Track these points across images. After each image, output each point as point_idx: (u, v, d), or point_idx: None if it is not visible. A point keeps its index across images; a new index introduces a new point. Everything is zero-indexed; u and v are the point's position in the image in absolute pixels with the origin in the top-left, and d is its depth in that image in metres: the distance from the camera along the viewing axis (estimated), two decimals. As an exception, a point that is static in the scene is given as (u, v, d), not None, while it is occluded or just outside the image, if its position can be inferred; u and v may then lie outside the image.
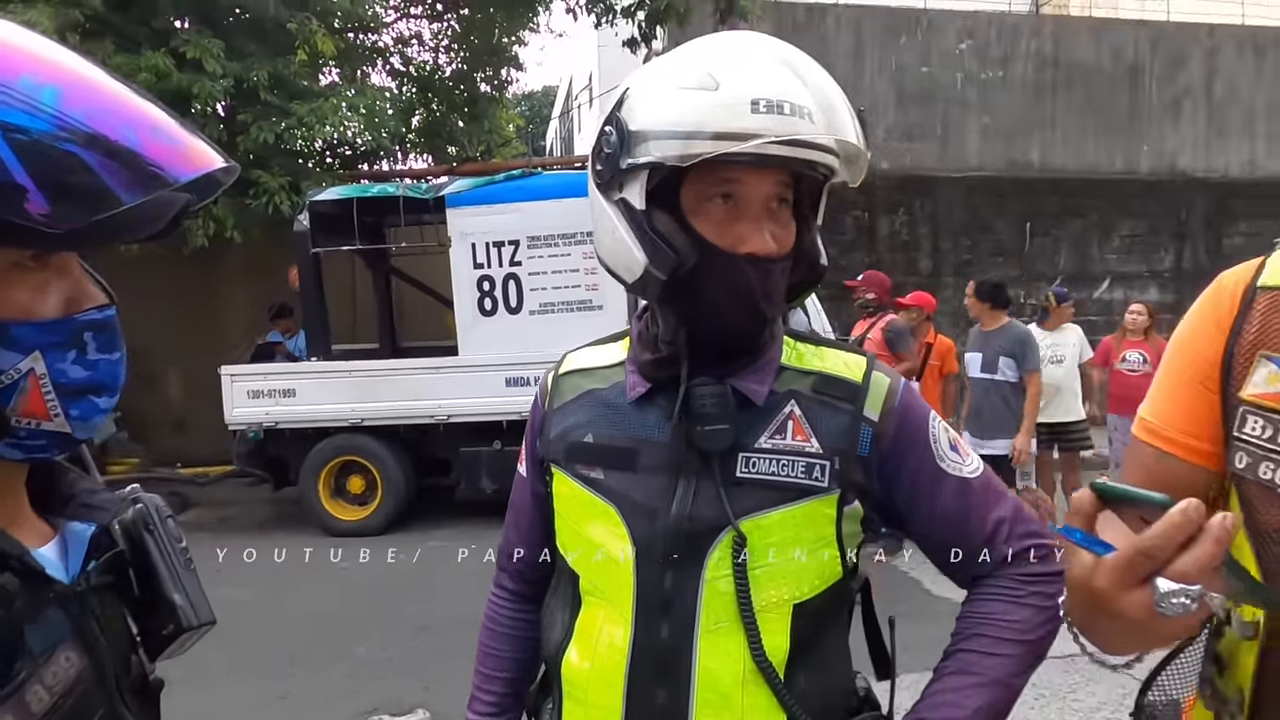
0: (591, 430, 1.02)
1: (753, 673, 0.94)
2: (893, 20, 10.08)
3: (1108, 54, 10.45)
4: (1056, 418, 5.79)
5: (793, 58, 0.95)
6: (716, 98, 0.87)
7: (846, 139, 0.92)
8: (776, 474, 0.96)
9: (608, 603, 0.99)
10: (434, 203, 6.37)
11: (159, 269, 7.83)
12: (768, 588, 0.95)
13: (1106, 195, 10.24)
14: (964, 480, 1.01)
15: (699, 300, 0.93)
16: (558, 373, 1.12)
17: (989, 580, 1.00)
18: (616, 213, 0.94)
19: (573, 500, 1.03)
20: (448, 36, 10.44)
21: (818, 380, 1.00)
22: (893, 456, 1.00)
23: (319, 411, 6.39)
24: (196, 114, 6.97)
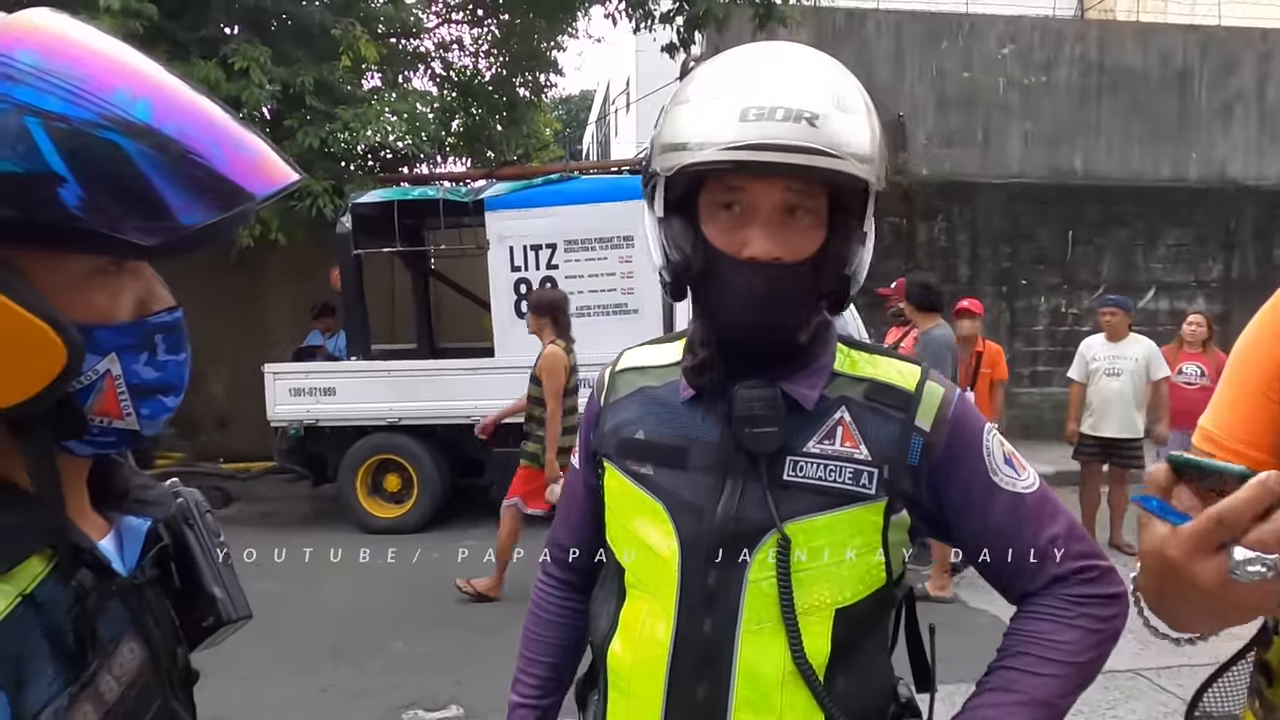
0: (643, 427, 1.05)
1: (792, 673, 0.95)
2: (934, 25, 9.98)
3: (1155, 59, 10.24)
4: (1109, 432, 5.66)
5: (810, 61, 0.95)
6: (711, 109, 0.90)
7: (850, 163, 0.88)
8: (824, 479, 0.97)
9: (651, 597, 1.01)
10: (473, 206, 6.46)
11: (205, 271, 8.03)
12: (810, 591, 0.96)
13: (1153, 203, 10.03)
14: (1017, 495, 0.99)
15: (713, 306, 0.98)
16: (614, 369, 1.14)
17: (1038, 598, 0.99)
18: (650, 218, 1.00)
19: (622, 495, 1.05)
20: (488, 41, 10.58)
21: (870, 387, 1.01)
22: (944, 468, 0.99)
23: (358, 410, 6.50)
24: (245, 118, 7.14)
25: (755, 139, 0.86)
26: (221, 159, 0.63)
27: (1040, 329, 9.90)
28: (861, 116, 0.92)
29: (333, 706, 3.77)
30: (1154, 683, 3.80)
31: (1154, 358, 5.70)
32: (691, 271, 0.95)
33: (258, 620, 3.20)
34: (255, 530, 6.68)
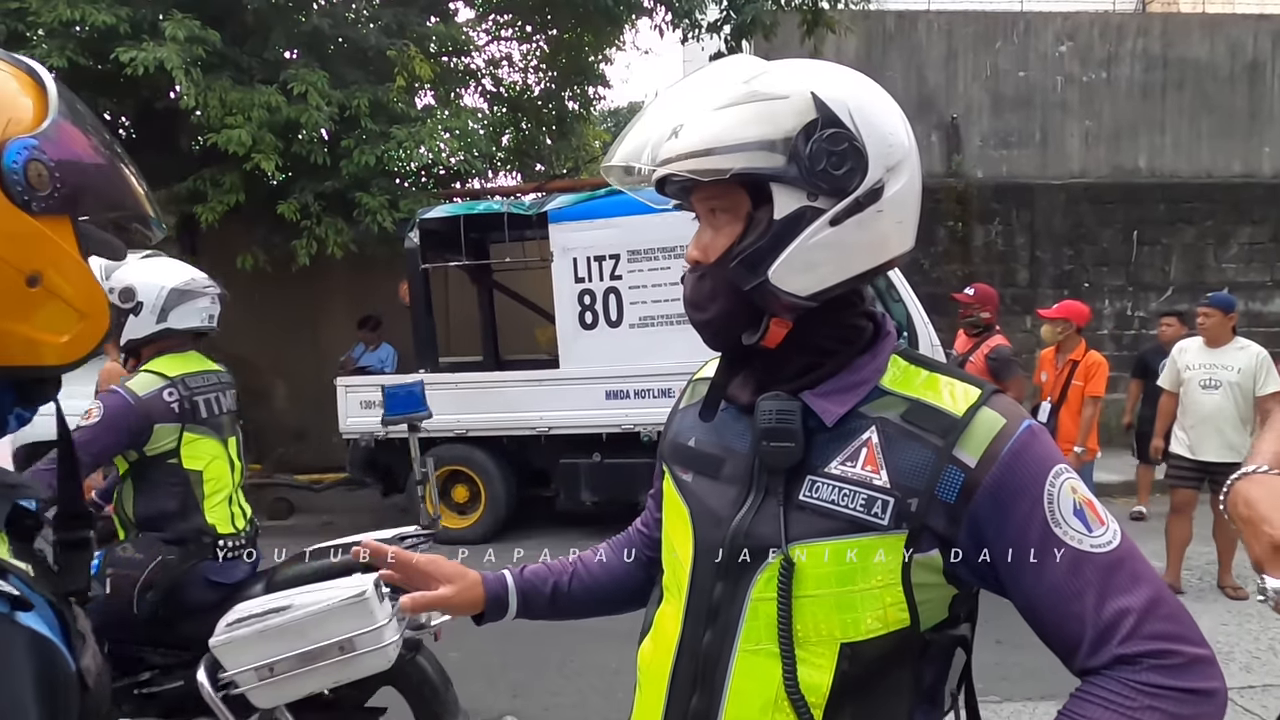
0: (695, 434, 1.07)
1: (784, 701, 0.90)
2: (988, 24, 9.78)
3: (1224, 51, 9.86)
4: (1208, 455, 4.81)
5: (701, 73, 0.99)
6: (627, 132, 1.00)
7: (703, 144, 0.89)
8: (835, 503, 0.90)
9: (673, 601, 1.03)
10: (537, 219, 6.52)
11: (265, 287, 8.30)
12: (814, 619, 0.90)
13: (1223, 200, 9.63)
14: (1082, 553, 0.84)
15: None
16: (695, 376, 1.16)
17: (1099, 678, 0.84)
18: None
19: (668, 499, 1.08)
20: (536, 57, 10.72)
21: (911, 408, 0.92)
22: (991, 511, 0.86)
23: (427, 422, 6.64)
24: (304, 140, 7.36)
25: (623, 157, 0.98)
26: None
27: (1105, 333, 9.58)
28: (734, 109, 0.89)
29: (389, 716, 3.82)
30: (1235, 703, 3.61)
31: (1264, 368, 4.82)
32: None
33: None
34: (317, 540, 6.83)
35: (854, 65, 0.97)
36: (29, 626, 0.65)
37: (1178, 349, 5.16)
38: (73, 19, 6.59)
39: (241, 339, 8.75)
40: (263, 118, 6.81)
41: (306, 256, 7.47)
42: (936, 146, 9.56)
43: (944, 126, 9.56)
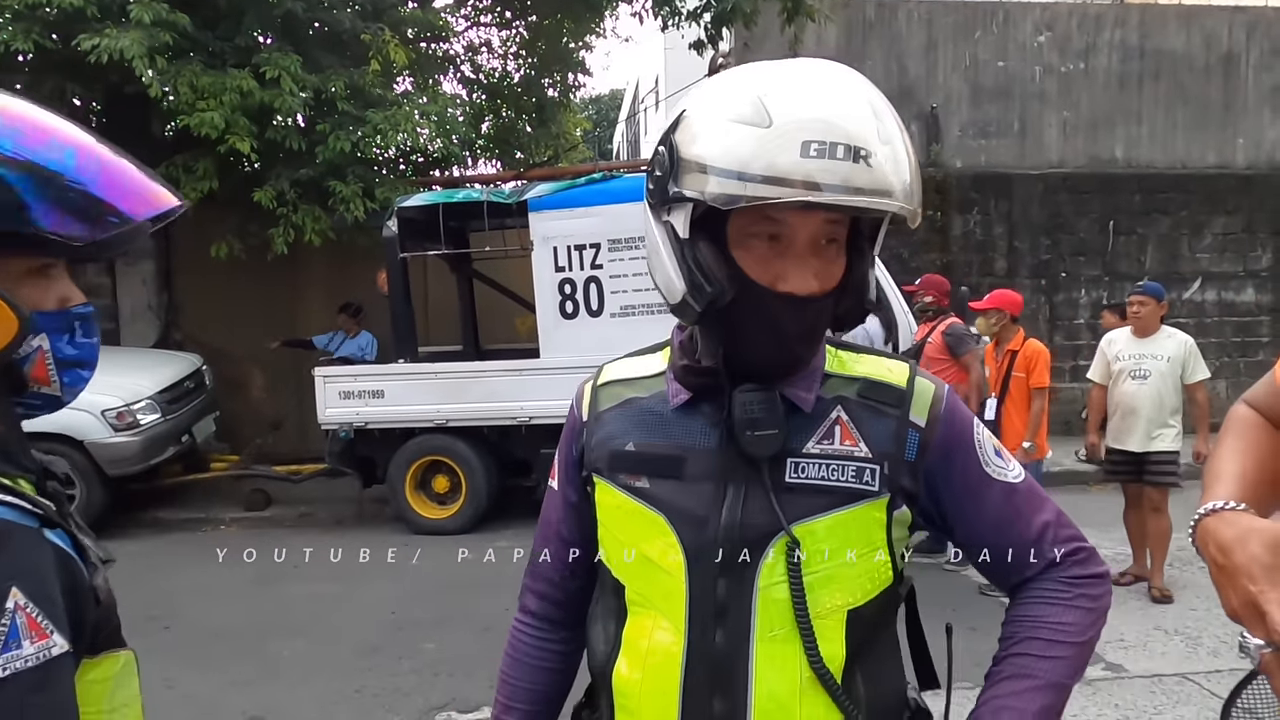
0: (633, 438, 1.02)
1: (810, 680, 0.94)
2: (967, 14, 9.79)
3: (1199, 42, 9.94)
4: (1132, 445, 4.80)
5: (857, 89, 0.90)
6: (766, 136, 0.84)
7: (901, 199, 0.86)
8: (827, 478, 0.96)
9: (658, 612, 0.98)
10: (517, 207, 6.48)
11: (244, 276, 8.19)
12: (823, 594, 0.94)
13: (1197, 191, 9.74)
14: (1010, 485, 1.01)
15: (736, 332, 0.94)
16: (597, 382, 1.11)
17: (1036, 584, 1.01)
18: (663, 233, 0.94)
19: (618, 510, 1.02)
20: (516, 43, 10.62)
21: (863, 385, 1.00)
22: (939, 462, 0.99)
23: (406, 412, 6.58)
24: (278, 125, 7.24)
25: (819, 177, 0.82)
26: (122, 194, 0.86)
27: (1081, 322, 9.67)
28: (901, 146, 0.88)
29: (368, 707, 3.81)
30: (1202, 687, 3.68)
31: (1192, 355, 4.82)
32: (723, 301, 0.91)
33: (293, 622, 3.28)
34: (294, 532, 6.79)
35: (834, 55, 0.96)
36: (54, 541, 0.80)
37: (1106, 340, 5.10)
38: (39, 1, 6.44)
39: (217, 328, 8.66)
40: (235, 102, 6.70)
41: (284, 245, 7.38)
42: (916, 136, 9.57)
43: (923, 116, 9.57)
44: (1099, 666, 3.97)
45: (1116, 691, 3.71)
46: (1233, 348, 9.83)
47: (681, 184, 0.88)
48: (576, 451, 1.09)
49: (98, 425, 6.50)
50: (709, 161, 0.86)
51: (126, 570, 6.67)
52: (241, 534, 6.91)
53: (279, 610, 5.00)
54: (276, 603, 5.13)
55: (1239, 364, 9.81)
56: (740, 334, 0.93)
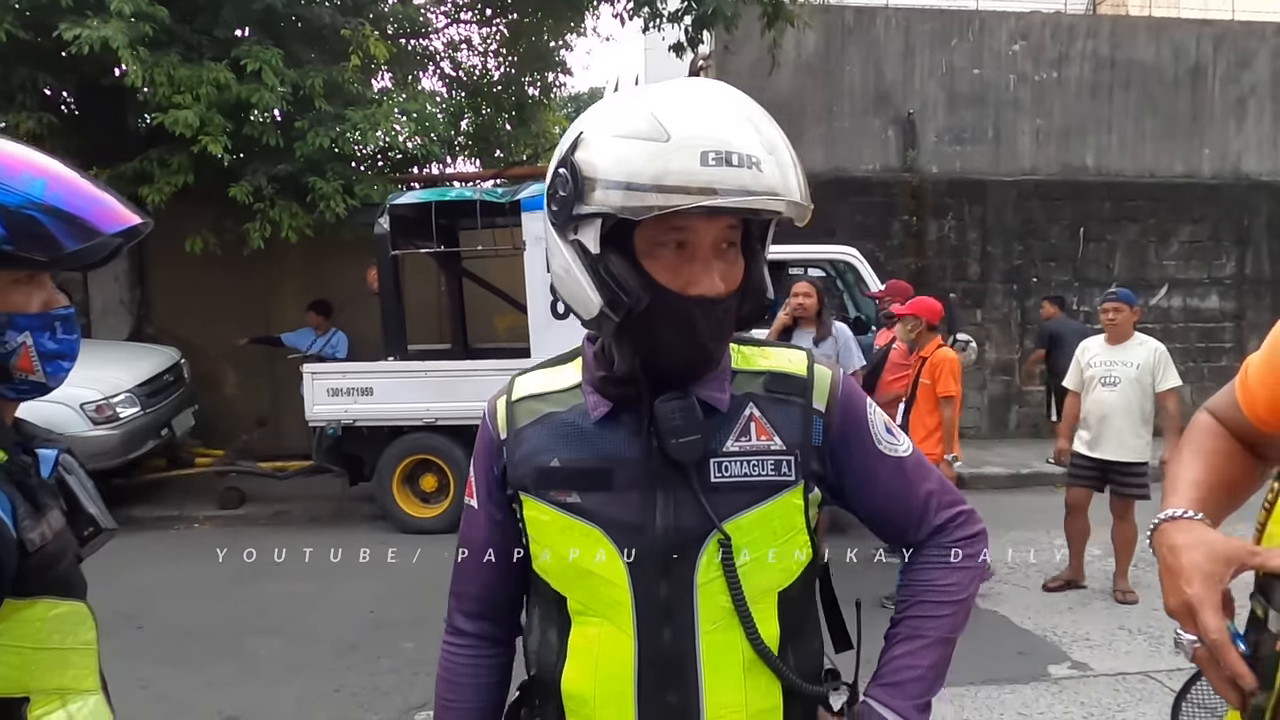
0: (557, 454, 1.04)
1: (753, 660, 1.02)
2: (944, 22, 9.93)
3: (1168, 54, 10.16)
4: (1105, 453, 4.79)
5: (740, 104, 0.96)
6: (666, 150, 0.89)
7: (792, 198, 0.93)
8: (749, 474, 1.02)
9: (604, 620, 1.03)
10: (509, 207, 6.48)
11: (218, 271, 8.10)
12: (755, 581, 1.02)
13: (1165, 199, 9.96)
14: (899, 459, 1.11)
15: (651, 338, 0.98)
16: (511, 398, 1.13)
17: (925, 549, 1.12)
18: (572, 252, 0.97)
19: (550, 526, 1.05)
20: (496, 40, 10.60)
21: (768, 379, 1.07)
22: (840, 442, 1.08)
23: (394, 410, 6.56)
24: (256, 121, 7.18)
25: (720, 183, 0.88)
26: (88, 213, 1.01)
27: (1052, 326, 9.85)
28: (785, 152, 0.94)
29: (346, 706, 3.81)
30: (1164, 685, 3.79)
31: (1163, 363, 4.81)
32: (639, 309, 0.95)
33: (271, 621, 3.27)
34: (269, 530, 6.74)
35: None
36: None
37: (1080, 348, 5.10)
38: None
39: (191, 324, 8.57)
40: (212, 95, 6.63)
41: (260, 239, 7.32)
42: (893, 141, 9.70)
43: (900, 121, 9.70)
44: (1065, 665, 4.07)
45: (1082, 690, 3.80)
46: (1198, 353, 10.07)
47: (590, 201, 0.93)
48: (498, 470, 1.10)
49: (76, 418, 6.41)
50: (615, 177, 0.91)
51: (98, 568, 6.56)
52: (216, 532, 6.86)
53: (255, 609, 4.97)
54: (252, 601, 5.10)
55: (1203, 369, 10.05)
56: (656, 340, 0.97)
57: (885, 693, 1.06)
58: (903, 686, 1.06)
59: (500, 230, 6.92)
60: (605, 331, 1.00)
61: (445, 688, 1.19)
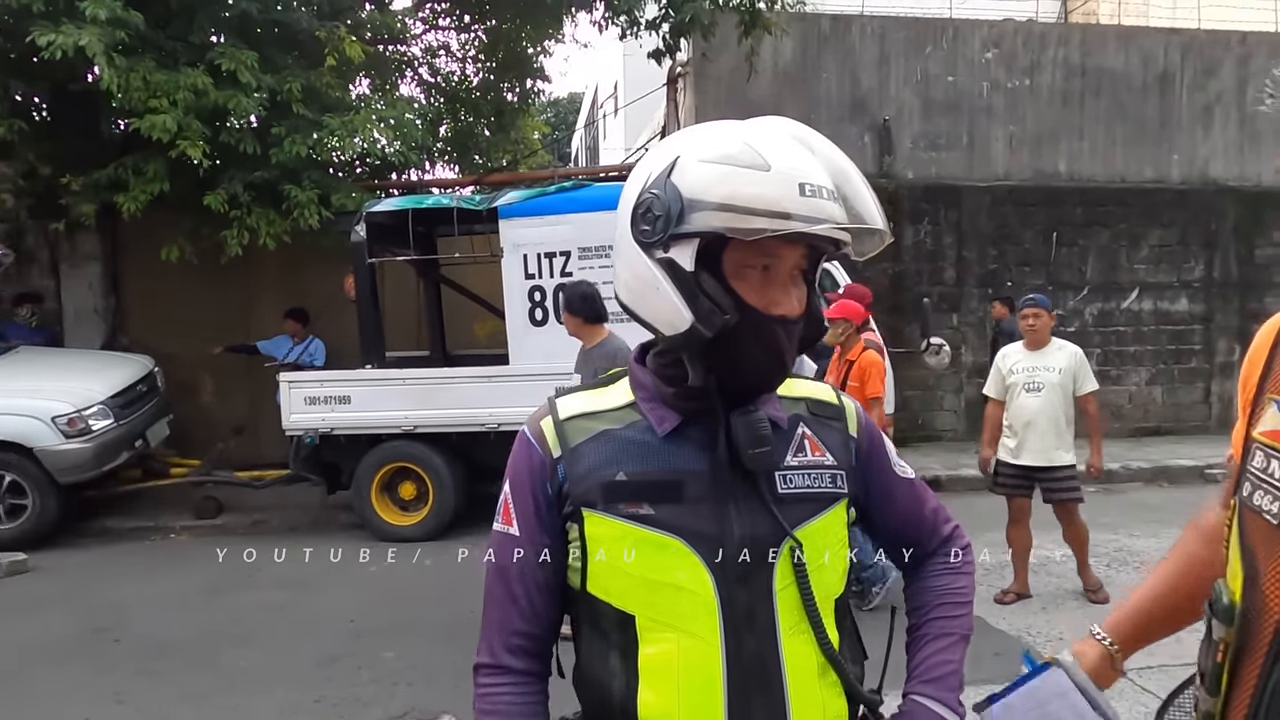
0: (622, 469, 1.05)
1: (823, 664, 1.07)
2: (918, 30, 10.06)
3: (1137, 61, 10.35)
4: (1030, 460, 4.80)
5: (811, 139, 1.06)
6: (769, 181, 0.96)
7: (876, 225, 1.05)
8: (811, 486, 1.09)
9: (683, 633, 1.03)
10: (487, 214, 6.47)
11: (195, 279, 8.03)
12: (819, 588, 1.07)
13: (1135, 204, 10.13)
14: (910, 480, 1.24)
15: (735, 354, 1.03)
16: (559, 418, 1.12)
17: (936, 558, 1.25)
18: (661, 271, 1.01)
19: (620, 541, 1.04)
20: (475, 47, 10.59)
21: (810, 404, 1.17)
22: (868, 466, 1.18)
23: (373, 418, 6.53)
24: (232, 128, 7.13)
25: (817, 213, 0.97)
26: None
27: (1026, 330, 9.98)
28: (861, 184, 1.05)
29: (326, 717, 3.79)
30: (1134, 683, 3.85)
31: (1082, 367, 4.85)
32: (729, 326, 1.00)
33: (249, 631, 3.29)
34: (247, 539, 6.69)
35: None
36: None
37: (1001, 355, 5.10)
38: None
39: (167, 332, 8.48)
40: (188, 101, 6.58)
41: (238, 247, 7.27)
42: (869, 148, 9.80)
43: (876, 128, 9.80)
44: (1040, 664, 4.14)
45: (1056, 688, 3.86)
46: (1168, 355, 10.25)
47: (691, 221, 0.98)
48: (552, 491, 1.08)
49: (48, 432, 6.33)
50: (721, 200, 0.97)
51: (73, 582, 6.55)
52: (193, 542, 6.80)
53: (233, 620, 4.93)
54: (230, 612, 5.07)
55: (1174, 370, 10.23)
56: (741, 356, 1.03)
57: (931, 688, 1.14)
58: (945, 680, 1.15)
59: (478, 237, 6.92)
60: (693, 350, 1.03)
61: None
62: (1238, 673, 0.92)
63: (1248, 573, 0.92)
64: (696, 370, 1.04)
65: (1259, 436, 0.94)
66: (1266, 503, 0.91)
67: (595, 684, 1.08)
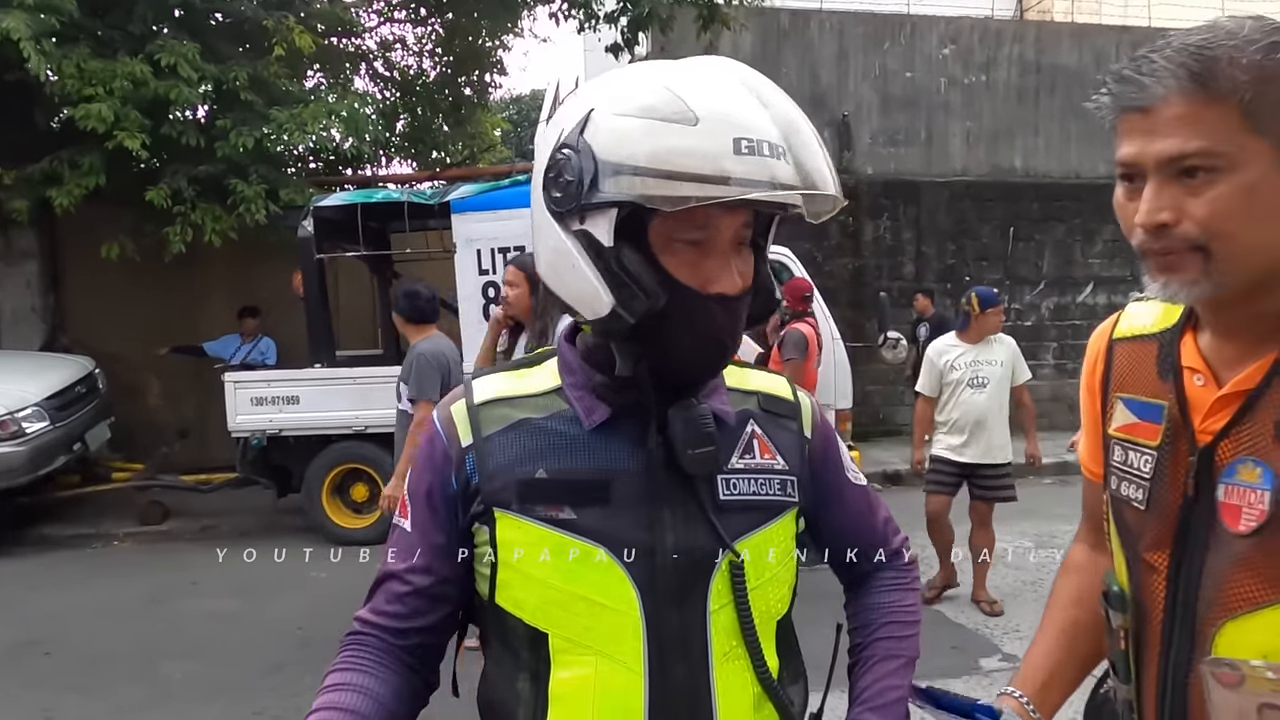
0: (543, 464, 0.92)
1: (759, 695, 0.95)
2: (877, 26, 10.10)
3: (1090, 59, 10.49)
4: (975, 458, 4.62)
5: (760, 86, 0.89)
6: (697, 136, 0.81)
7: (828, 190, 0.87)
8: (757, 493, 0.96)
9: (602, 656, 0.90)
10: (439, 208, 6.34)
11: (139, 277, 7.77)
12: (759, 608, 0.94)
13: (1089, 200, 10.27)
14: (862, 487, 1.12)
15: (666, 340, 0.88)
16: (473, 401, 0.97)
17: (884, 573, 1.13)
18: (577, 245, 0.86)
19: (534, 547, 0.91)
20: (431, 41, 10.41)
21: (763, 399, 1.03)
22: (820, 470, 1.06)
23: (322, 418, 6.36)
24: (175, 120, 6.90)
25: (757, 175, 0.81)
26: None
27: (984, 324, 10.07)
28: (813, 138, 0.88)
29: None
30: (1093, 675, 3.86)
31: (1018, 358, 4.76)
32: (656, 309, 0.85)
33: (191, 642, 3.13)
34: (194, 545, 6.48)
35: (749, 62, 0.95)
36: None
37: (935, 351, 4.84)
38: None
39: (110, 332, 8.19)
40: (127, 91, 6.34)
41: (181, 244, 7.03)
42: (829, 143, 9.61)
43: (835, 124, 9.82)
44: (996, 658, 4.13)
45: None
46: (1122, 348, 10.41)
47: (605, 188, 0.83)
48: (457, 485, 0.95)
49: (-22, 435, 6.07)
50: (641, 163, 0.81)
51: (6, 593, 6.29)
52: (137, 550, 6.56)
53: (173, 630, 4.74)
54: (171, 623, 4.88)
55: (1127, 364, 10.40)
56: (672, 342, 0.88)
57: (878, 715, 1.02)
58: (891, 708, 1.03)
59: (432, 233, 6.78)
60: (616, 332, 0.88)
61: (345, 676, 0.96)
62: (1142, 656, 0.96)
63: (1130, 560, 0.97)
64: (625, 358, 0.90)
65: (1115, 433, 1.00)
66: (1132, 490, 0.96)
67: (500, 708, 0.96)
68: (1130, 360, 1.01)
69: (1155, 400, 0.96)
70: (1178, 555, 0.91)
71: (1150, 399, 0.97)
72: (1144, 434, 0.96)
